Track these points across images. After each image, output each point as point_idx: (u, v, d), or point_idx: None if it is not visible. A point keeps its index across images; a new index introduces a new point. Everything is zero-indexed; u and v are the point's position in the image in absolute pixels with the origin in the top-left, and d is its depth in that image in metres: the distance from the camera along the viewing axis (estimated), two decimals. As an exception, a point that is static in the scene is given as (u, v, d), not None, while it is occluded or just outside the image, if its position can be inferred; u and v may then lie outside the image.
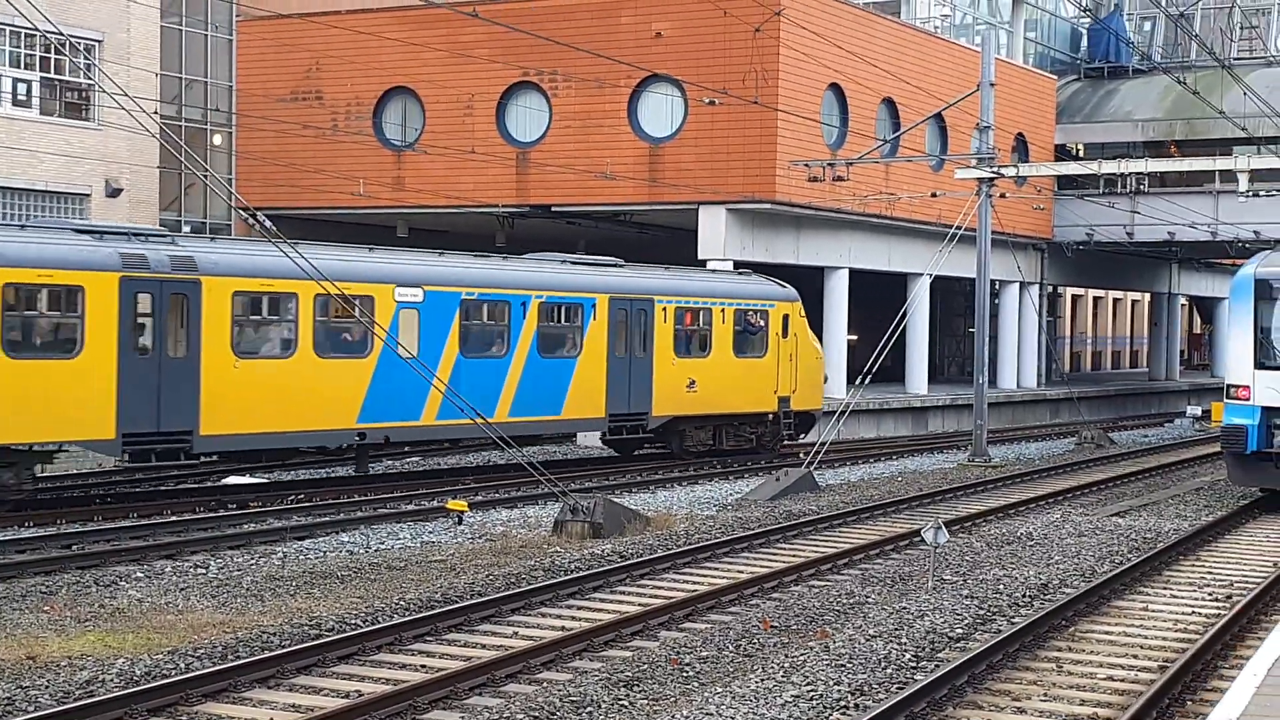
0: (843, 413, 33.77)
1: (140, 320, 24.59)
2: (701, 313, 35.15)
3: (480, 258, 32.26)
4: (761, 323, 36.29)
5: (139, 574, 19.83)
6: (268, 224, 21.26)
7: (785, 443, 37.59)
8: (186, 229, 44.31)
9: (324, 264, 24.66)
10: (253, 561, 20.96)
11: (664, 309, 33.98)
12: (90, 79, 40.67)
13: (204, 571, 20.14)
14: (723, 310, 35.49)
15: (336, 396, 27.55)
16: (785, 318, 36.60)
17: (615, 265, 34.20)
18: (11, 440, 23.41)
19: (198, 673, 13.88)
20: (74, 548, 21.47)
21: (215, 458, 30.01)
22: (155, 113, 37.79)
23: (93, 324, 23.86)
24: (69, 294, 23.73)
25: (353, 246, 30.76)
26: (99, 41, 42.19)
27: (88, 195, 42.40)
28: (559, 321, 32.21)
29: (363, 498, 27.41)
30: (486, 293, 30.52)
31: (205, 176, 32.21)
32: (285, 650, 14.85)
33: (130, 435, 24.44)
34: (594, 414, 32.73)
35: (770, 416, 36.70)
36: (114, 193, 42.61)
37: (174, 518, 24.40)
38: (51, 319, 24.40)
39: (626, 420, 33.35)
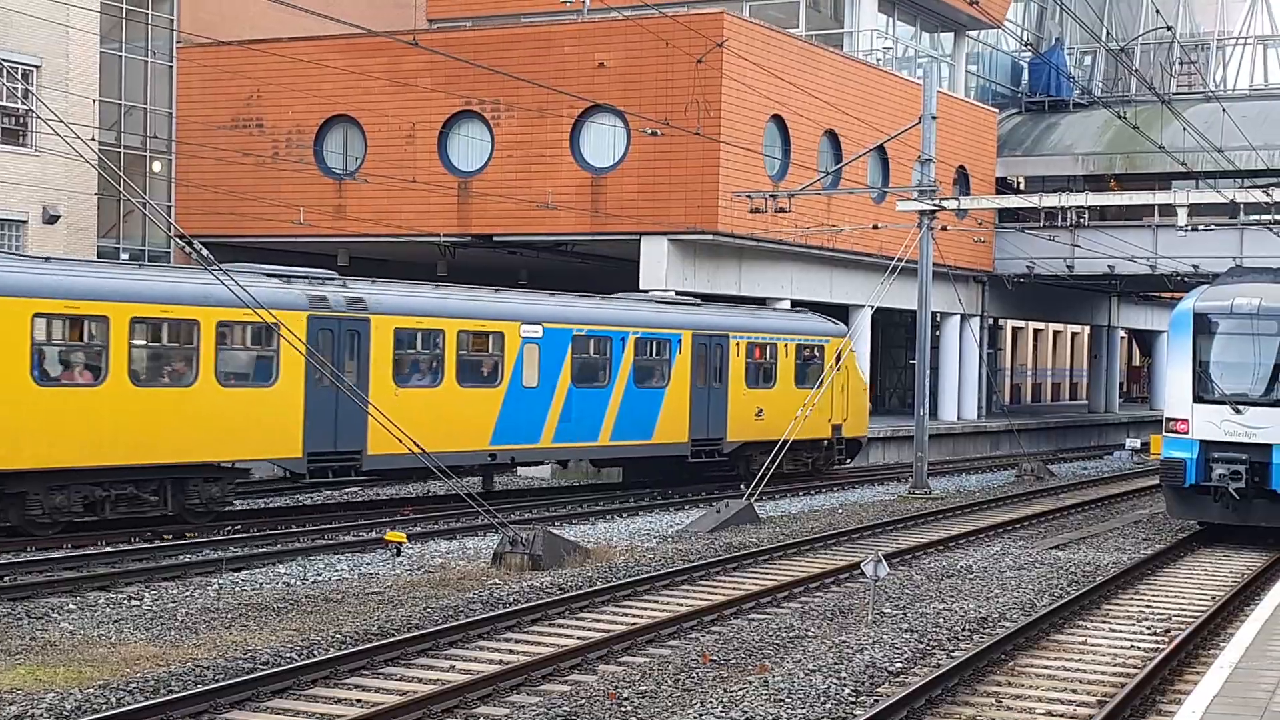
0: (783, 446, 33.73)
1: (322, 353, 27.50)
2: (768, 347, 38.44)
3: (585, 297, 35.25)
4: (818, 356, 39.43)
5: (71, 606, 19.56)
6: (204, 252, 21.09)
7: (835, 466, 41.27)
8: (125, 256, 43.94)
9: (462, 304, 30.65)
10: (188, 593, 20.72)
11: (737, 344, 37.25)
12: (27, 105, 40.29)
13: (138, 603, 19.89)
14: (785, 345, 39.03)
15: (474, 421, 30.81)
16: (838, 352, 38.94)
17: (695, 304, 37.42)
18: (221, 458, 26.77)
19: (129, 707, 13.67)
20: (5, 579, 21.16)
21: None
22: (93, 139, 37.50)
23: (287, 357, 26.87)
24: (268, 331, 26.33)
25: (483, 287, 33.53)
26: (37, 67, 41.85)
27: (24, 222, 41.98)
28: (651, 355, 35.32)
29: (300, 529, 27.18)
30: (594, 329, 33.72)
31: (144, 204, 31.90)
32: (219, 684, 14.65)
33: (314, 454, 27.77)
34: (679, 439, 35.65)
35: (825, 442, 39.85)
36: (51, 219, 42.21)
37: (108, 548, 24.13)
38: (253, 352, 27.67)
39: (705, 445, 36.25)
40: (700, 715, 14.05)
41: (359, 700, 14.84)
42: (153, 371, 26.03)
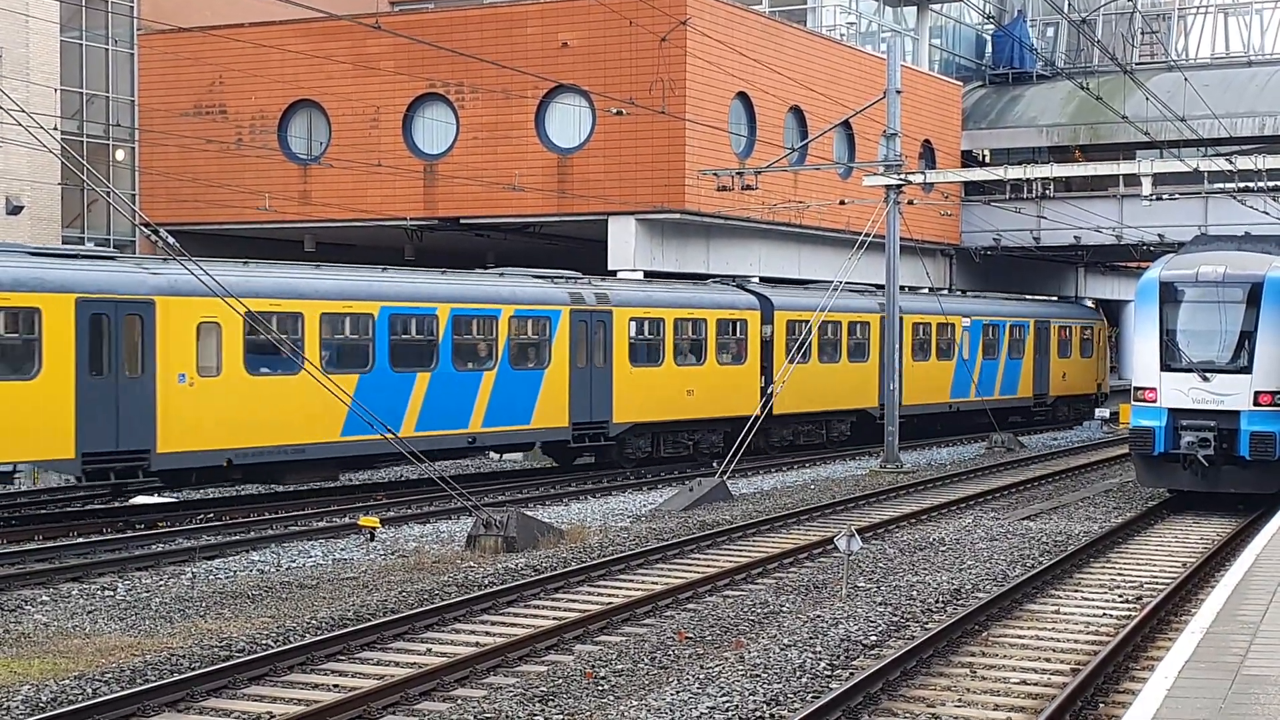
0: (757, 419, 33.79)
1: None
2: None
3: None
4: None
5: (45, 597, 19.52)
6: (170, 240, 21.03)
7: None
8: (89, 245, 43.76)
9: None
10: (161, 582, 20.69)
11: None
12: (-11, 95, 40.04)
13: (111, 594, 19.85)
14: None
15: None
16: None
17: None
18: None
19: (105, 698, 13.66)
20: (-23, 572, 21.11)
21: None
22: (56, 128, 37.34)
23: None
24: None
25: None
26: (-3, 57, 41.64)
27: (-12, 213, 41.82)
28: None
29: (273, 515, 27.15)
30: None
31: (108, 193, 31.78)
32: (195, 673, 14.64)
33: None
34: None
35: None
36: (14, 210, 42.01)
37: (80, 539, 24.07)
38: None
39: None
40: (677, 692, 14.09)
41: (336, 685, 14.84)
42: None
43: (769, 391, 36.64)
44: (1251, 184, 37.54)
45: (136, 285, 25.77)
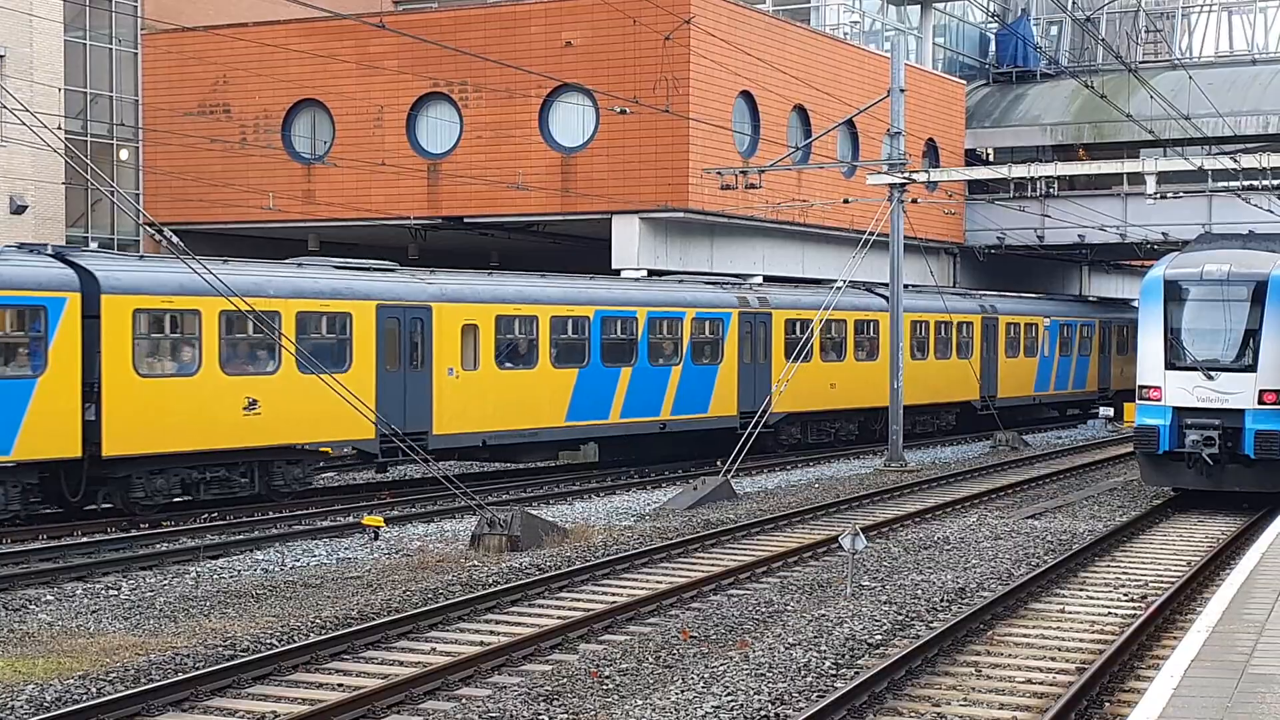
0: (762, 414, 33.78)
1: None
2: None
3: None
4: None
5: (49, 597, 19.52)
6: (174, 240, 21.02)
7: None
8: (94, 245, 43.76)
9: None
10: (166, 582, 20.68)
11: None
12: (-7, 95, 40.05)
13: (116, 593, 19.85)
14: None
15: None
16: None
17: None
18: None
19: (110, 697, 13.66)
20: (-18, 571, 21.11)
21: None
22: (60, 128, 37.33)
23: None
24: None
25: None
26: (1, 56, 41.62)
27: (-8, 212, 41.81)
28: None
29: (277, 515, 27.13)
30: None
31: (112, 193, 31.80)
32: (199, 672, 14.63)
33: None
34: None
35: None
36: (18, 209, 42.02)
37: (84, 538, 24.07)
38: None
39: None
40: (682, 691, 14.08)
41: (340, 684, 14.84)
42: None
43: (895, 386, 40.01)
44: (1256, 182, 37.46)
45: (418, 293, 30.40)
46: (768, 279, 45.23)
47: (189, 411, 26.25)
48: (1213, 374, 28.29)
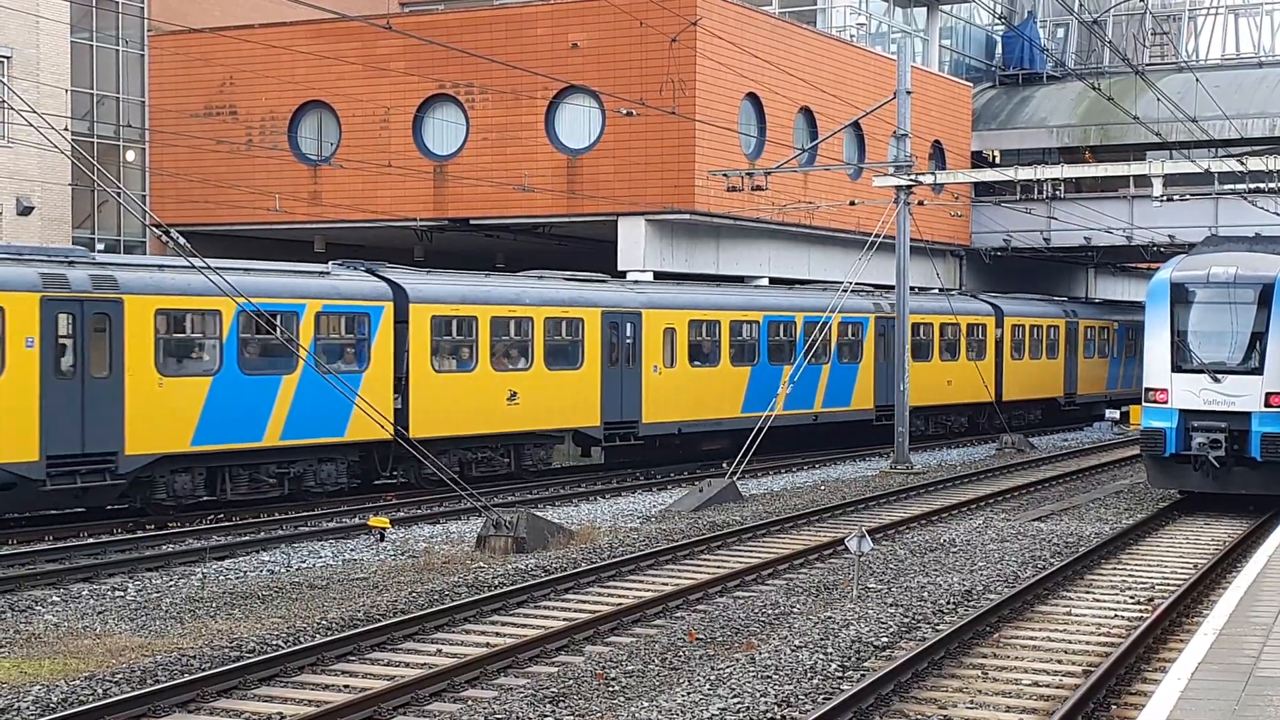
0: (767, 419, 33.76)
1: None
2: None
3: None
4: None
5: (55, 598, 19.52)
6: (181, 241, 21.03)
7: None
8: (100, 247, 43.81)
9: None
10: (172, 583, 20.69)
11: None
12: None
13: (122, 594, 19.85)
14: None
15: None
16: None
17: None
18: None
19: (115, 698, 13.67)
20: (-12, 572, 21.12)
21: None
22: (66, 129, 37.40)
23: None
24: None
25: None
26: (7, 58, 41.67)
27: (-2, 213, 41.85)
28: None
29: (283, 516, 27.14)
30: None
31: (118, 194, 31.81)
32: (205, 673, 14.64)
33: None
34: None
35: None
36: (25, 210, 42.06)
37: (91, 540, 24.09)
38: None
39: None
40: (688, 693, 14.07)
41: (347, 686, 14.84)
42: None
43: (999, 384, 45.54)
44: (1262, 185, 37.48)
45: (631, 300, 35.22)
46: (774, 281, 45.26)
47: (469, 401, 31.19)
48: (1219, 376, 28.27)
